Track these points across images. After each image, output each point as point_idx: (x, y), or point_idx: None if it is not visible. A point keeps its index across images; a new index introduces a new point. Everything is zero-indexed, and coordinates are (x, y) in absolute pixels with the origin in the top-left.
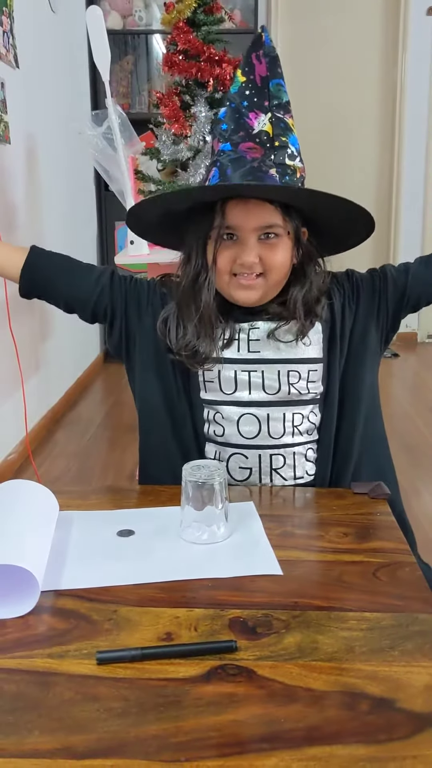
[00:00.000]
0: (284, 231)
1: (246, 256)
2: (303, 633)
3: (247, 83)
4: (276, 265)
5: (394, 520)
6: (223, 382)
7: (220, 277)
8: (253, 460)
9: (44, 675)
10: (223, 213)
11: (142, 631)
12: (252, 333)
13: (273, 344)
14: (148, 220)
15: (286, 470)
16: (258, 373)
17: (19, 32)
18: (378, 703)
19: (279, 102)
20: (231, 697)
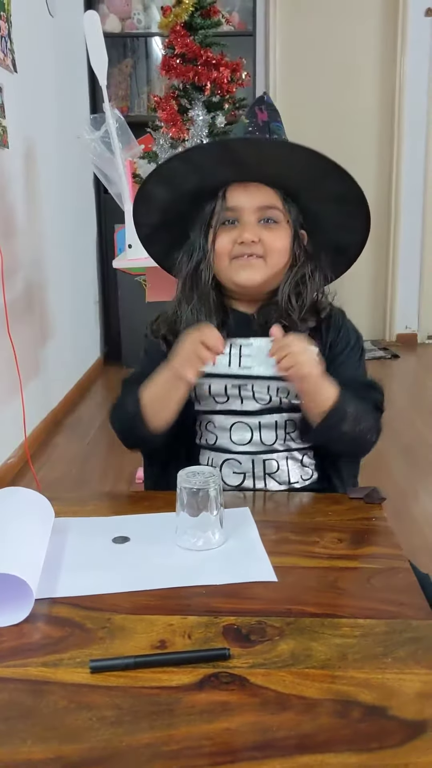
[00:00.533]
0: (284, 218)
1: (246, 233)
2: (296, 640)
3: (249, 123)
4: (276, 247)
5: (390, 526)
6: (214, 394)
7: (221, 261)
8: (246, 466)
9: (38, 683)
10: (224, 196)
11: (136, 639)
12: (245, 349)
13: (265, 361)
14: (153, 216)
15: (280, 475)
16: (248, 387)
17: (17, 36)
18: (370, 710)
19: (278, 137)
20: (224, 705)
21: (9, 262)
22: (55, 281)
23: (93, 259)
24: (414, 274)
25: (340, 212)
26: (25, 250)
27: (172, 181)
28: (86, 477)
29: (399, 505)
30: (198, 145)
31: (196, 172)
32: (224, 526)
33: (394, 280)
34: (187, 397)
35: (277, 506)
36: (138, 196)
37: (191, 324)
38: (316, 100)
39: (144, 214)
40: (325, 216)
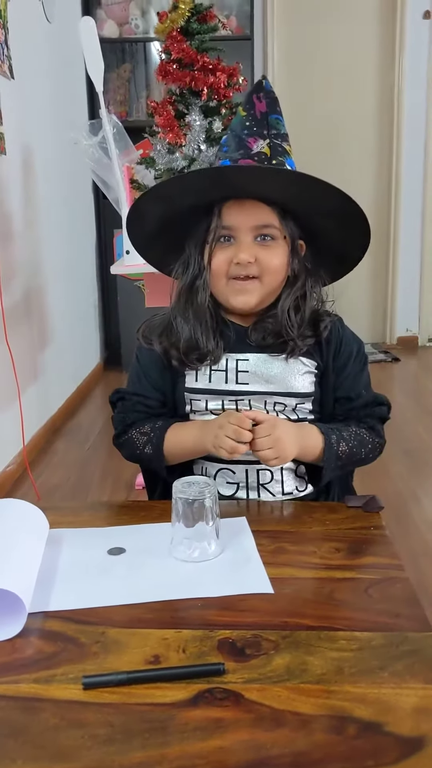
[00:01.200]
0: (280, 234)
1: (241, 254)
2: (292, 654)
3: (247, 116)
4: (272, 267)
5: (388, 535)
6: (211, 411)
7: (217, 281)
8: (240, 475)
9: (30, 701)
10: (219, 214)
11: (129, 654)
12: (241, 365)
13: (262, 377)
14: (148, 230)
15: (273, 485)
16: (245, 402)
17: (14, 43)
18: (366, 726)
19: (277, 132)
20: (218, 722)
21: (7, 267)
22: (53, 286)
23: (92, 263)
24: (414, 277)
25: (338, 226)
26: (23, 255)
27: (166, 200)
28: (86, 483)
29: (399, 509)
30: (192, 171)
31: (191, 192)
32: (220, 537)
33: (395, 283)
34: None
35: (274, 515)
36: (131, 213)
37: (189, 340)
38: (314, 104)
39: (138, 230)
40: (323, 230)
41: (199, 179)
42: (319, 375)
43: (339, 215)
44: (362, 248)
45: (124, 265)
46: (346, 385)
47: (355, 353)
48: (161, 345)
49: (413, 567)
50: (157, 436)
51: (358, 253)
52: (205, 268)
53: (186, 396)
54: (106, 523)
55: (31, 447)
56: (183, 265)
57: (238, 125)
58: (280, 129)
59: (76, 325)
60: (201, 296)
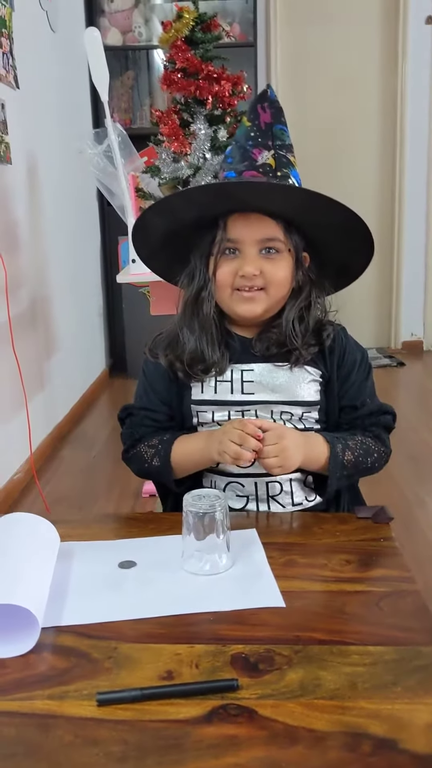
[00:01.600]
0: (285, 247)
1: (247, 266)
2: (305, 669)
3: (252, 127)
4: (277, 279)
5: (398, 546)
6: (218, 422)
7: (222, 291)
8: (249, 488)
9: (44, 718)
10: (224, 226)
11: (142, 669)
12: (246, 375)
13: (267, 387)
14: (153, 242)
15: (283, 497)
16: (252, 413)
17: (19, 53)
18: (380, 743)
19: (282, 143)
20: (232, 739)
21: (13, 276)
22: (59, 295)
23: (97, 271)
24: (419, 281)
25: (342, 240)
26: (28, 264)
27: (171, 213)
28: (93, 491)
29: (405, 515)
30: (197, 187)
31: (195, 206)
32: (231, 549)
33: (399, 287)
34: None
35: (284, 527)
36: (136, 227)
37: (194, 351)
38: (318, 110)
39: (143, 242)
40: (327, 242)
41: (204, 194)
42: (324, 384)
43: (343, 229)
44: (365, 261)
45: (130, 274)
46: (351, 394)
47: (359, 362)
48: (167, 358)
49: (420, 574)
50: (165, 448)
51: (361, 266)
52: (210, 280)
53: (192, 408)
54: (116, 535)
55: (37, 455)
56: (188, 276)
57: (242, 136)
58: (285, 140)
59: (82, 333)
60: (206, 307)
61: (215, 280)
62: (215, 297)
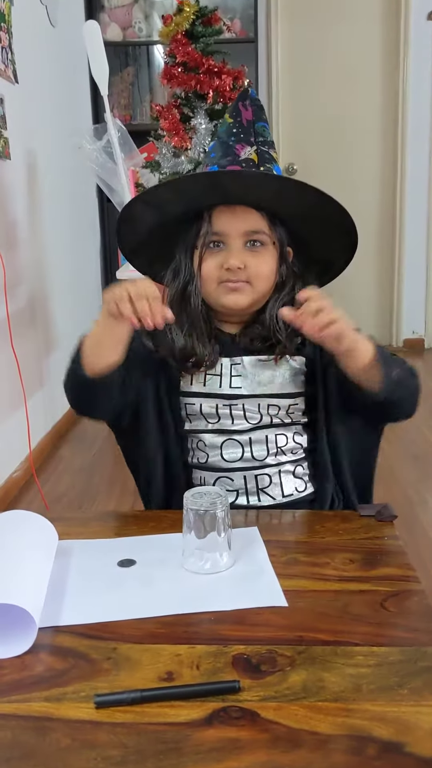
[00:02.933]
0: (270, 240)
1: (232, 259)
2: (308, 670)
3: (234, 124)
4: (262, 273)
5: (402, 545)
6: (205, 414)
7: (208, 285)
8: (238, 482)
9: (41, 720)
10: (210, 219)
11: (142, 671)
12: (234, 368)
13: (254, 380)
14: (138, 235)
15: (273, 489)
16: (239, 406)
17: (18, 47)
18: (386, 747)
19: (264, 140)
20: (234, 742)
21: (12, 273)
22: (58, 292)
23: (96, 268)
24: (420, 278)
25: (326, 233)
26: (27, 261)
27: (158, 205)
28: (92, 489)
29: (408, 515)
30: (184, 176)
31: (182, 198)
32: (232, 547)
33: (400, 285)
34: (129, 350)
35: (286, 525)
36: (122, 218)
37: (185, 348)
38: (318, 106)
39: (128, 235)
40: (311, 236)
41: (191, 185)
42: (311, 374)
43: (327, 222)
44: (348, 257)
45: (130, 270)
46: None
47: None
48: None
49: (423, 573)
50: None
51: (344, 262)
52: (195, 274)
53: (181, 399)
54: (116, 533)
55: (36, 454)
56: (173, 271)
57: (224, 132)
58: (267, 136)
59: (81, 331)
60: (194, 302)
61: (200, 274)
62: (201, 291)
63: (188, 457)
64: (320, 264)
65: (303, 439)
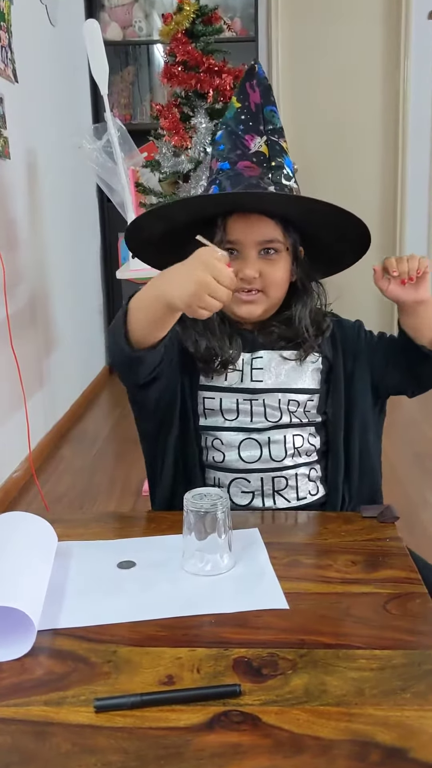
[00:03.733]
0: (283, 247)
1: (247, 270)
2: (310, 674)
3: (242, 109)
4: (276, 281)
5: (404, 547)
6: (224, 410)
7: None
8: (255, 484)
9: (40, 725)
10: (224, 228)
11: (142, 674)
12: (255, 362)
13: (274, 374)
14: (147, 238)
15: (288, 492)
16: (260, 401)
17: (18, 47)
18: (389, 752)
19: (273, 127)
20: (235, 747)
21: (12, 273)
22: (58, 291)
23: (97, 267)
24: None
25: (339, 238)
26: (27, 260)
27: (169, 217)
28: (93, 490)
29: (409, 514)
30: (198, 196)
31: (193, 210)
32: (233, 549)
33: None
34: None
35: (287, 526)
36: (129, 230)
37: (208, 351)
38: (319, 106)
39: (138, 243)
40: (324, 240)
41: (207, 201)
42: (325, 372)
43: (342, 228)
44: (358, 257)
45: (130, 270)
46: (380, 345)
47: (359, 331)
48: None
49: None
50: (124, 306)
51: (352, 259)
52: None
53: (199, 394)
54: (116, 535)
55: (36, 454)
56: None
57: (232, 119)
58: (276, 123)
59: (82, 330)
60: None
61: None
62: None
63: (203, 456)
64: (329, 258)
65: (317, 440)
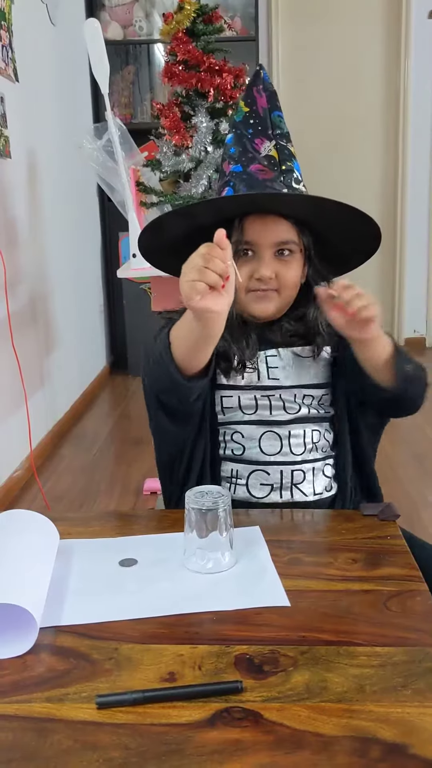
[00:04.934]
0: (298, 248)
1: (263, 270)
2: (311, 671)
3: (250, 113)
4: (290, 282)
5: (405, 544)
6: (243, 407)
7: (238, 293)
8: (274, 476)
9: (42, 721)
10: (241, 229)
11: (143, 671)
12: (271, 360)
13: (291, 371)
14: (159, 242)
15: (306, 485)
16: (277, 397)
17: (19, 46)
18: (390, 749)
19: (281, 132)
20: (236, 744)
21: (12, 272)
22: (59, 291)
23: (97, 267)
24: (422, 277)
25: (352, 238)
26: (28, 260)
27: (189, 218)
28: (94, 489)
29: (410, 514)
30: (224, 198)
31: (213, 211)
32: (234, 547)
33: (402, 284)
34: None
35: (288, 524)
36: (147, 229)
37: (225, 353)
38: (319, 105)
39: (154, 245)
40: (336, 239)
41: (228, 202)
42: (333, 363)
43: (354, 228)
44: (367, 257)
45: (131, 269)
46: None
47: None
48: None
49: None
50: (165, 335)
51: (361, 260)
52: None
53: (217, 393)
54: (117, 533)
55: (37, 453)
56: None
57: (241, 123)
58: (283, 128)
59: (82, 330)
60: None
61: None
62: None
63: (220, 450)
64: (339, 258)
65: (330, 436)
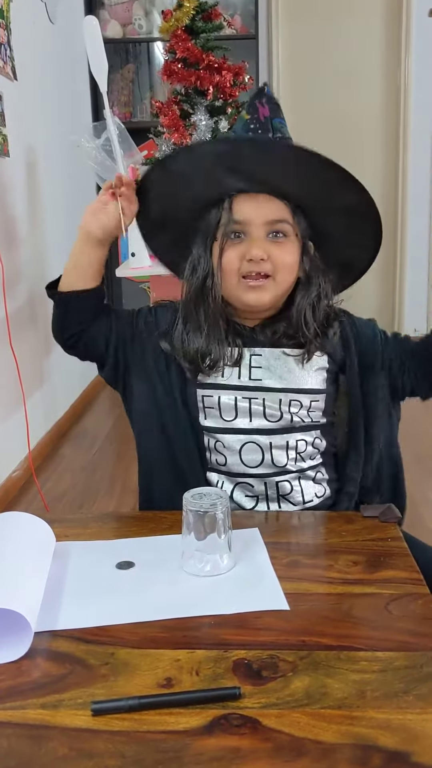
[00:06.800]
0: (293, 231)
1: (254, 249)
2: (311, 676)
3: (251, 120)
4: (285, 264)
5: (406, 546)
6: (222, 408)
7: (228, 279)
8: (259, 488)
9: (37, 728)
10: (230, 208)
11: (140, 676)
12: (254, 360)
13: (275, 373)
14: (154, 217)
15: (294, 496)
16: (259, 400)
17: (17, 44)
18: (391, 756)
19: (282, 136)
20: (235, 751)
21: (11, 272)
22: None
23: None
24: (422, 275)
25: (350, 226)
26: (26, 259)
27: (176, 177)
28: (93, 489)
29: (411, 514)
30: (204, 140)
31: (201, 174)
32: (232, 549)
33: (402, 282)
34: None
35: (288, 526)
36: (139, 189)
37: (205, 351)
38: (319, 103)
39: (146, 207)
40: (335, 230)
41: (208, 156)
42: (332, 373)
43: (351, 214)
44: (371, 255)
45: (130, 268)
46: (395, 351)
47: (374, 333)
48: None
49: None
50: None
51: (365, 265)
52: (216, 267)
53: (198, 392)
54: (115, 535)
55: (36, 453)
56: (191, 266)
57: (241, 128)
58: (285, 132)
59: None
60: (213, 298)
61: (221, 266)
62: (221, 286)
63: (206, 456)
64: (341, 262)
65: (322, 443)
